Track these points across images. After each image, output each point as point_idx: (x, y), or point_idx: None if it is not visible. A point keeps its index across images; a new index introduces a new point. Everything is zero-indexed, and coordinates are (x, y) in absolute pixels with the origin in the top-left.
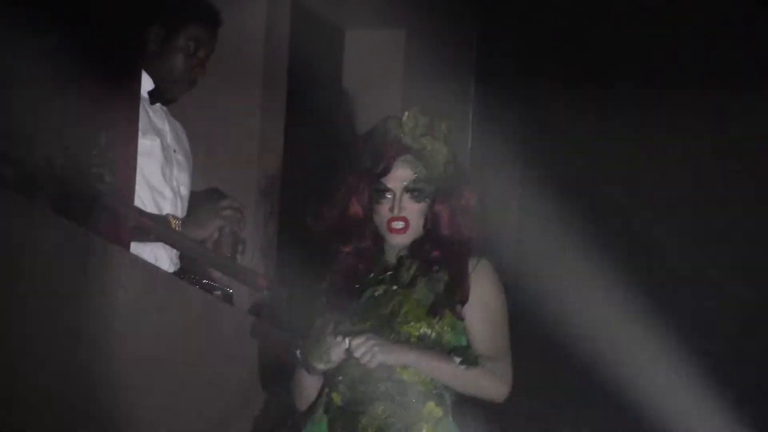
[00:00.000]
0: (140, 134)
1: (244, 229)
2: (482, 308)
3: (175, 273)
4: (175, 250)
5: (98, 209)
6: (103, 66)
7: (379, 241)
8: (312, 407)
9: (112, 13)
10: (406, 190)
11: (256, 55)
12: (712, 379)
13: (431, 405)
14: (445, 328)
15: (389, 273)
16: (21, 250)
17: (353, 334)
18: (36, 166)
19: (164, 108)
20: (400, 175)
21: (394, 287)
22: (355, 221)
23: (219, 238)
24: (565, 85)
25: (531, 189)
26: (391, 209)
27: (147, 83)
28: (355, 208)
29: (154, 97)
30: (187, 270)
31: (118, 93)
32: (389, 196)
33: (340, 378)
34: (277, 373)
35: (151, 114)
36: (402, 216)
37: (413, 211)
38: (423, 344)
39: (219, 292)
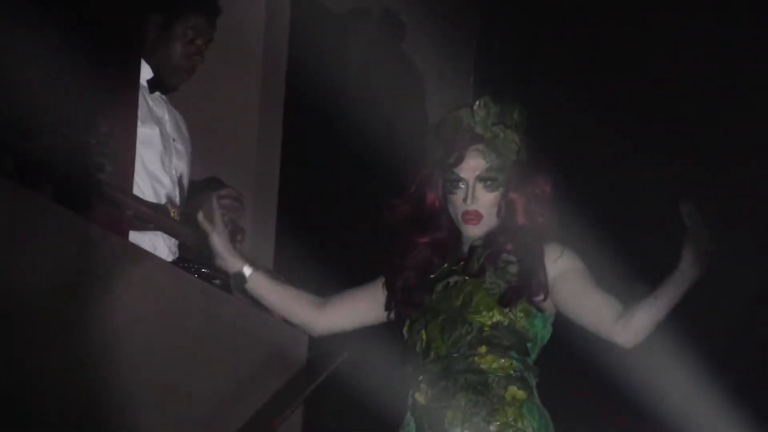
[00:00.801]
0: (139, 123)
1: (243, 218)
2: (590, 280)
3: (174, 262)
4: (174, 240)
5: (97, 198)
6: (103, 55)
7: (454, 232)
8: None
9: (112, 2)
10: (479, 179)
11: (255, 45)
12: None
13: (513, 389)
14: (519, 314)
15: (461, 263)
16: (21, 240)
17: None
18: (36, 156)
19: (164, 97)
20: (473, 165)
21: (465, 278)
22: (431, 213)
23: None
24: (564, 84)
25: None
26: (465, 199)
27: (146, 72)
28: (430, 199)
29: (153, 86)
30: (185, 259)
31: (117, 82)
32: (462, 186)
33: (420, 378)
34: (276, 362)
35: (150, 103)
36: (476, 206)
37: (487, 200)
38: (498, 333)
39: (218, 281)
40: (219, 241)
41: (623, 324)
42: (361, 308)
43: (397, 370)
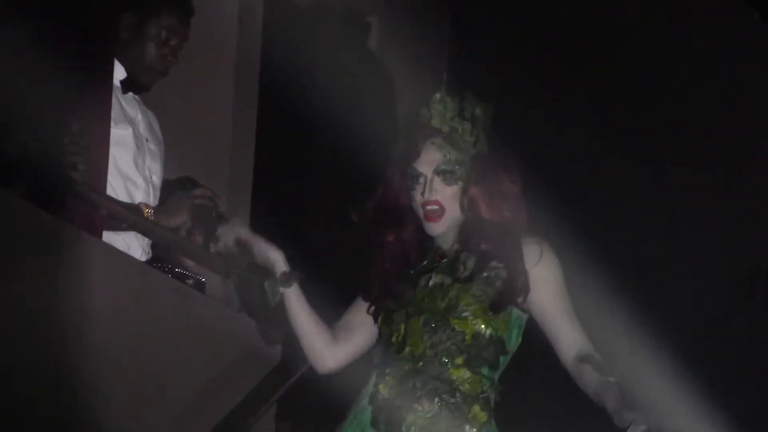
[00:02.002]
0: (112, 123)
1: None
2: (560, 300)
3: (147, 262)
4: (147, 239)
5: (71, 198)
6: (76, 54)
7: (422, 228)
8: (356, 400)
9: (85, 1)
10: (437, 172)
11: (229, 44)
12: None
13: (476, 409)
14: (500, 324)
15: (444, 261)
16: None
17: None
18: (9, 155)
19: (137, 97)
20: (430, 159)
21: (451, 281)
22: (395, 210)
23: (191, 226)
24: (538, 79)
25: None
26: (423, 193)
27: (119, 72)
28: (394, 196)
29: (126, 86)
30: (159, 259)
31: (90, 82)
32: (422, 181)
33: (388, 370)
34: (250, 361)
35: (123, 103)
36: (434, 200)
37: (446, 194)
38: (477, 344)
39: (192, 281)
40: (263, 244)
41: (575, 370)
42: (366, 334)
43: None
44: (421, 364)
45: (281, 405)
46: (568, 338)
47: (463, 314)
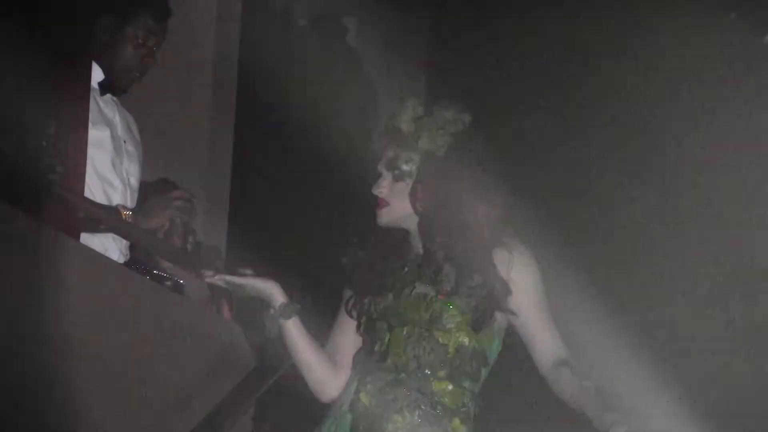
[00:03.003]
0: (90, 125)
1: (194, 219)
2: (537, 304)
3: (124, 263)
4: (125, 241)
5: (48, 200)
6: (54, 56)
7: (399, 230)
8: (335, 402)
9: (62, 3)
10: (388, 168)
11: (207, 46)
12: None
13: (457, 422)
14: (483, 336)
15: (419, 268)
16: None
17: None
18: None
19: (115, 99)
20: (386, 156)
21: (434, 293)
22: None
23: (169, 228)
24: (517, 76)
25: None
26: (374, 188)
27: (97, 74)
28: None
29: (104, 87)
30: (136, 260)
31: (68, 83)
32: (379, 179)
33: (369, 378)
34: (227, 363)
35: (101, 105)
36: (378, 193)
37: (394, 189)
38: (460, 356)
39: (169, 283)
40: (255, 280)
41: (550, 376)
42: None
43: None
44: (403, 375)
45: (259, 406)
46: (544, 343)
47: (447, 326)
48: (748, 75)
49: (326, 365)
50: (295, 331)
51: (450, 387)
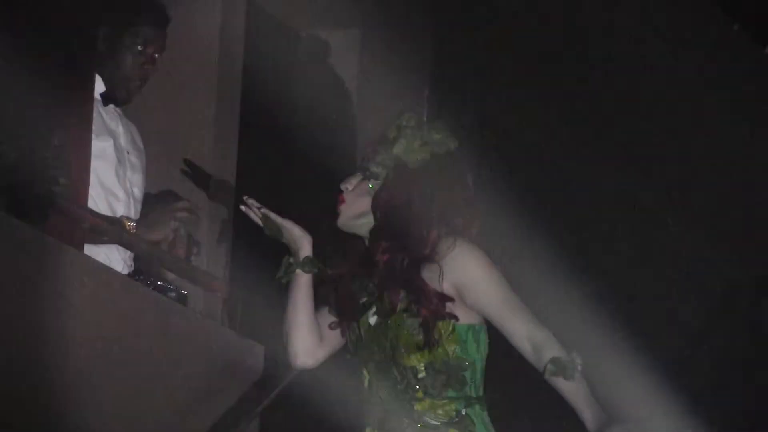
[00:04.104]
0: (93, 136)
1: (198, 230)
2: (493, 298)
3: (129, 275)
4: (129, 252)
5: (52, 211)
6: (57, 68)
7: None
8: None
9: (64, 15)
10: (360, 166)
11: (211, 56)
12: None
13: None
14: (451, 346)
15: (374, 284)
16: None
17: None
18: None
19: (118, 109)
20: (362, 154)
21: (384, 321)
22: None
23: (173, 239)
24: (521, 86)
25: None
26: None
27: (100, 86)
28: None
29: (106, 98)
30: (141, 272)
31: (71, 94)
32: None
33: (369, 415)
34: (232, 374)
35: (104, 115)
36: (342, 189)
37: (358, 188)
38: (433, 372)
39: (173, 294)
40: (295, 228)
41: (538, 365)
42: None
43: (353, 381)
44: (389, 406)
45: (264, 418)
46: (517, 337)
47: (407, 351)
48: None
49: (315, 333)
50: (303, 288)
51: (435, 403)
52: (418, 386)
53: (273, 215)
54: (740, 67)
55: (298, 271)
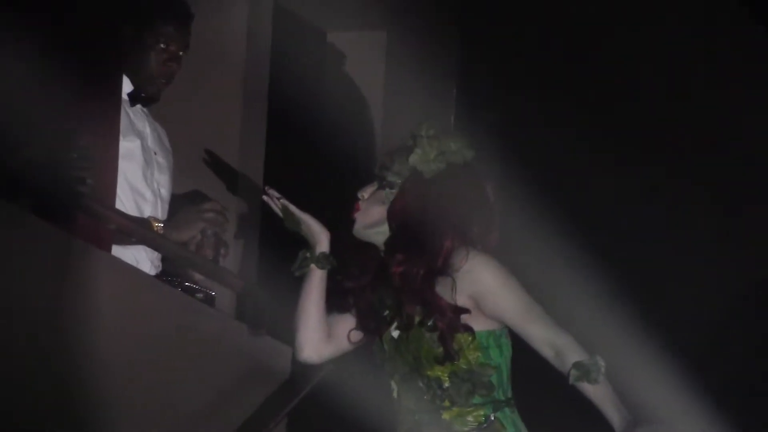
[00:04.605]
0: (120, 136)
1: (226, 231)
2: (511, 305)
3: (156, 276)
4: (156, 253)
5: (80, 212)
6: (83, 68)
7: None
8: None
9: (88, 14)
10: (377, 174)
11: (237, 57)
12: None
13: None
14: (472, 354)
15: (390, 304)
16: (2, 254)
17: None
18: (17, 170)
19: (145, 110)
20: (380, 162)
21: (405, 335)
22: None
23: (201, 240)
24: (547, 88)
25: (512, 191)
26: None
27: (126, 86)
28: None
29: (133, 98)
30: (168, 273)
31: (98, 95)
32: None
33: (400, 426)
34: (260, 375)
35: (131, 116)
36: (359, 197)
37: (374, 196)
38: (458, 380)
39: (201, 295)
40: (315, 223)
41: (563, 369)
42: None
43: (380, 383)
44: (417, 416)
45: (290, 420)
46: (538, 339)
47: (429, 364)
48: None
49: (323, 329)
50: (317, 282)
51: (463, 411)
52: (444, 396)
53: (293, 207)
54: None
55: (313, 266)
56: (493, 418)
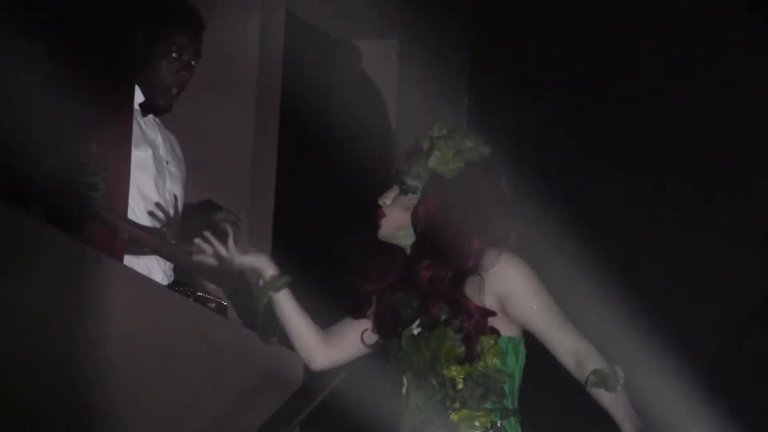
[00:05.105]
0: (132, 146)
1: (239, 241)
2: (539, 310)
3: (168, 285)
4: (168, 263)
5: (92, 222)
6: (96, 77)
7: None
8: None
9: (101, 23)
10: (396, 180)
11: (250, 65)
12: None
13: None
14: (491, 359)
15: (412, 301)
16: (15, 262)
17: None
18: (31, 178)
19: (157, 120)
20: (397, 167)
21: (426, 332)
22: None
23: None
24: (559, 95)
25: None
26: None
27: (138, 96)
28: None
29: (145, 108)
30: (181, 282)
31: (110, 105)
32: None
33: (405, 424)
34: (272, 384)
35: (143, 125)
36: (380, 203)
37: (397, 202)
38: (472, 383)
39: (213, 305)
40: (246, 256)
41: (581, 377)
42: (356, 345)
43: (393, 392)
44: (424, 415)
45: (302, 428)
46: (561, 349)
47: (448, 362)
48: None
49: (316, 336)
50: (284, 303)
51: (473, 414)
52: (456, 397)
53: (223, 251)
54: None
55: (271, 293)
56: (499, 425)
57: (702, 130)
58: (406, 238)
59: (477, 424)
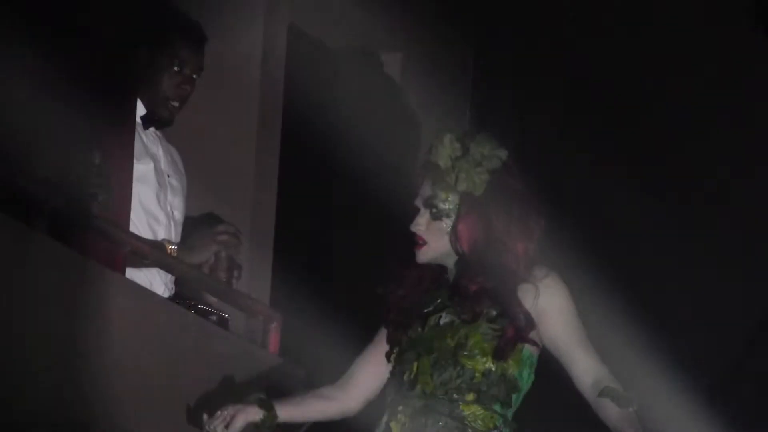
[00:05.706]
0: (134, 160)
1: (240, 254)
2: (571, 330)
3: (170, 298)
4: (170, 276)
5: (94, 234)
6: (98, 91)
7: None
8: None
9: (104, 36)
10: (426, 206)
11: (252, 79)
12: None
13: None
14: (512, 363)
15: (454, 298)
16: (16, 275)
17: None
18: (32, 191)
19: (159, 133)
20: (422, 193)
21: (458, 320)
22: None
23: (215, 263)
24: (562, 108)
25: None
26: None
27: (140, 109)
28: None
29: (147, 121)
30: (182, 295)
31: (113, 118)
32: (418, 214)
33: (400, 408)
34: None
35: (144, 139)
36: (415, 231)
37: (432, 227)
38: (488, 381)
39: (214, 317)
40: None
41: (594, 401)
42: (381, 370)
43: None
44: (431, 401)
45: None
46: (582, 367)
47: (472, 352)
48: None
49: (331, 402)
50: (286, 416)
51: (480, 411)
52: (472, 388)
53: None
54: None
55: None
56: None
57: (705, 140)
58: (450, 258)
59: (480, 423)
